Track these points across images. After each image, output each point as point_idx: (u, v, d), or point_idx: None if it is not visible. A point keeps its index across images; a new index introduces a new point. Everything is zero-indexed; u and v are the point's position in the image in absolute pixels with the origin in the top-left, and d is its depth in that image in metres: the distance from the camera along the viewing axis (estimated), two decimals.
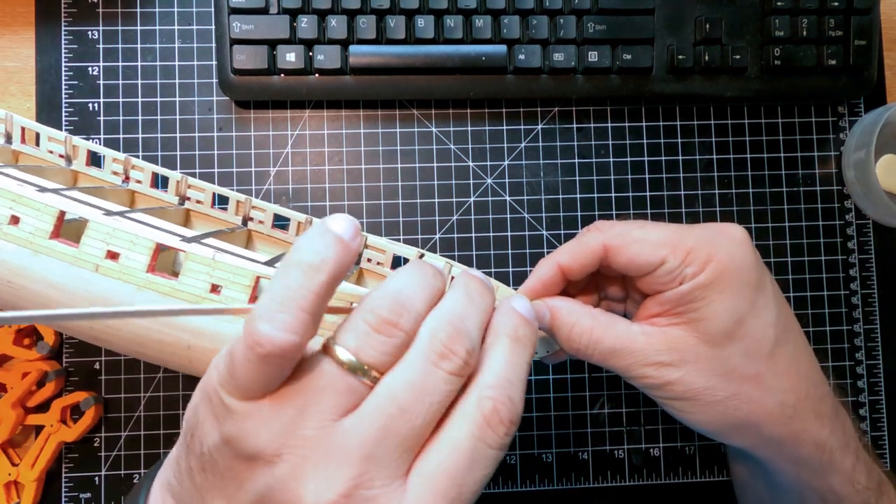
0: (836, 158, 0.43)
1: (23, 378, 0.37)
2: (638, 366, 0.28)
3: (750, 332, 0.27)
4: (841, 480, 0.29)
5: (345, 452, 0.18)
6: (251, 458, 0.18)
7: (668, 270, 0.27)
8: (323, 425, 0.18)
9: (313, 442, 0.18)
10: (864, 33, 0.40)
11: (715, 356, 0.27)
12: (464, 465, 0.19)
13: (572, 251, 0.29)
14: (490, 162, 0.42)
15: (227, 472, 0.19)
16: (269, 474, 0.18)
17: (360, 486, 0.18)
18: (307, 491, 0.18)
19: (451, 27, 0.38)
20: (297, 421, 0.18)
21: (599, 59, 0.39)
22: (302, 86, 0.39)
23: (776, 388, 0.28)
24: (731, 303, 0.27)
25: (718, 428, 0.29)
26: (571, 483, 0.41)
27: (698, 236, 0.28)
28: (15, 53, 0.40)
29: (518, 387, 0.21)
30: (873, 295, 0.43)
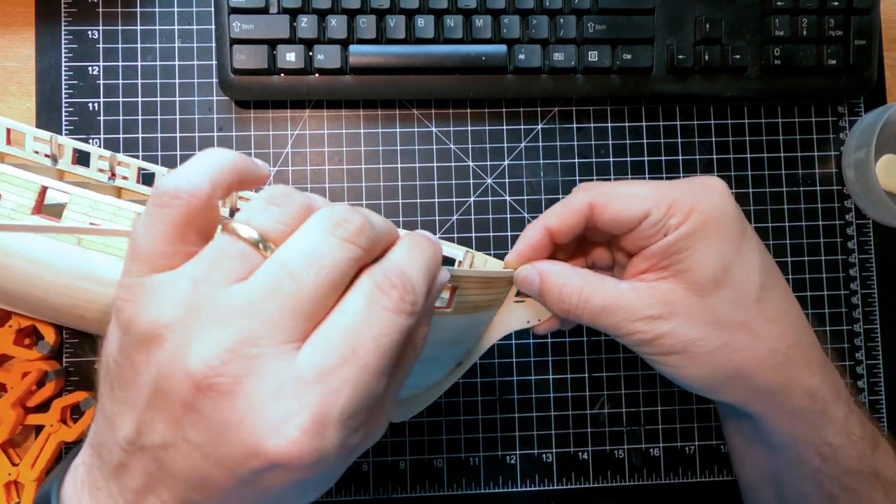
0: (836, 158, 0.43)
1: (23, 378, 0.37)
2: (628, 321, 0.28)
3: (736, 278, 0.28)
4: (835, 431, 0.29)
5: (231, 311, 0.18)
6: (146, 341, 0.18)
7: (652, 223, 0.28)
8: (213, 292, 0.18)
9: (202, 309, 0.18)
10: (864, 33, 0.40)
11: (704, 305, 0.28)
12: (358, 323, 0.18)
13: (559, 213, 0.30)
14: (490, 162, 0.42)
15: (128, 371, 0.19)
16: (160, 352, 0.18)
17: (245, 344, 0.17)
18: (193, 354, 0.17)
19: (451, 27, 0.38)
20: (190, 291, 0.18)
21: (599, 59, 0.39)
22: (302, 86, 0.39)
23: (765, 334, 0.28)
24: (715, 250, 0.27)
25: (711, 381, 0.29)
26: (571, 483, 0.41)
27: (680, 188, 0.28)
28: (15, 53, 0.40)
29: (414, 272, 0.20)
30: (873, 295, 0.43)
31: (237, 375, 0.17)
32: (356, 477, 0.40)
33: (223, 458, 0.18)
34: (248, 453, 0.17)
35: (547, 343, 0.41)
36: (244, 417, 0.17)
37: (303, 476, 0.18)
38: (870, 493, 0.30)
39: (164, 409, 0.18)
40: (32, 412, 0.38)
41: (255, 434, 0.17)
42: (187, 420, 0.18)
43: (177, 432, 0.18)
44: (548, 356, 0.41)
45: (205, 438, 0.18)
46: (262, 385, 0.17)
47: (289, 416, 0.17)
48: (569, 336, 0.41)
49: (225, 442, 0.17)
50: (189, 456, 0.18)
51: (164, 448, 0.18)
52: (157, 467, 0.18)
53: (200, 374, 0.17)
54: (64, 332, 0.39)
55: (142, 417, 0.18)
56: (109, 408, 0.19)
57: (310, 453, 0.17)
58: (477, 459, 0.40)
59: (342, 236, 0.19)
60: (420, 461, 0.40)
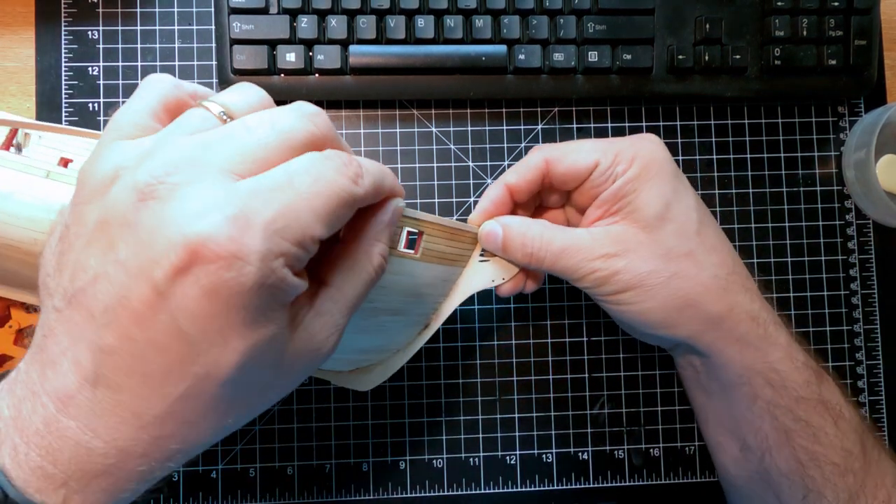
0: (836, 158, 0.43)
1: None
2: (587, 261, 0.31)
3: (677, 214, 0.31)
4: (780, 356, 0.32)
5: (182, 145, 0.19)
6: (101, 184, 0.19)
7: (601, 171, 0.31)
8: (171, 138, 0.20)
9: (157, 149, 0.19)
10: (864, 33, 0.40)
11: (653, 240, 0.31)
12: (298, 166, 0.20)
13: (518, 170, 0.33)
14: (490, 162, 0.42)
15: (74, 226, 0.20)
16: (112, 187, 0.19)
17: (190, 162, 0.19)
18: (140, 171, 0.19)
19: (451, 27, 0.38)
20: (150, 144, 0.20)
21: (599, 59, 0.39)
22: (302, 86, 0.39)
23: (707, 262, 0.31)
24: (657, 190, 0.31)
25: (666, 314, 0.31)
26: (571, 483, 0.41)
27: (622, 142, 0.32)
28: (15, 53, 0.40)
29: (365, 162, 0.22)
30: (873, 295, 0.43)
31: (176, 184, 0.18)
32: (356, 477, 0.40)
33: (145, 262, 0.18)
34: (169, 245, 0.17)
35: (547, 343, 0.41)
36: (174, 216, 0.18)
37: (217, 274, 0.17)
38: (822, 424, 0.32)
39: (102, 238, 0.19)
40: None
41: (179, 225, 0.18)
42: (123, 237, 0.18)
43: (108, 256, 0.18)
44: (548, 356, 0.41)
45: (132, 249, 0.18)
46: (196, 192, 0.18)
47: (215, 208, 0.18)
48: (569, 336, 0.41)
49: (151, 243, 0.18)
50: (112, 279, 0.18)
51: (93, 282, 0.19)
52: (81, 315, 0.19)
53: (143, 183, 0.18)
54: None
55: (78, 259, 0.19)
56: (53, 277, 0.20)
57: (227, 242, 0.17)
58: (477, 459, 0.40)
59: (304, 113, 0.21)
60: (420, 461, 0.40)
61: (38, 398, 0.19)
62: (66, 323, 0.19)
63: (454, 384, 0.41)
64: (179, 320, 0.18)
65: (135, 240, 0.18)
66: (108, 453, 0.19)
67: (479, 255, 0.34)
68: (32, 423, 0.19)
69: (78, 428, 0.19)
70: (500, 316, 0.41)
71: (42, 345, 0.20)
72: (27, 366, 0.20)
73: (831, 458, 0.31)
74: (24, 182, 0.30)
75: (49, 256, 0.21)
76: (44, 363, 0.19)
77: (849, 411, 0.32)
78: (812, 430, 0.32)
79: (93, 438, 0.19)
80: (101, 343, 0.19)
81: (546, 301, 0.41)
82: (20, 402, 0.19)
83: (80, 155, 0.32)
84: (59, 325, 0.19)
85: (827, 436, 0.31)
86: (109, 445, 0.19)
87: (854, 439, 0.32)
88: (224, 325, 0.18)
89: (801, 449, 0.32)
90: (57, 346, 0.19)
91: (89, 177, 0.20)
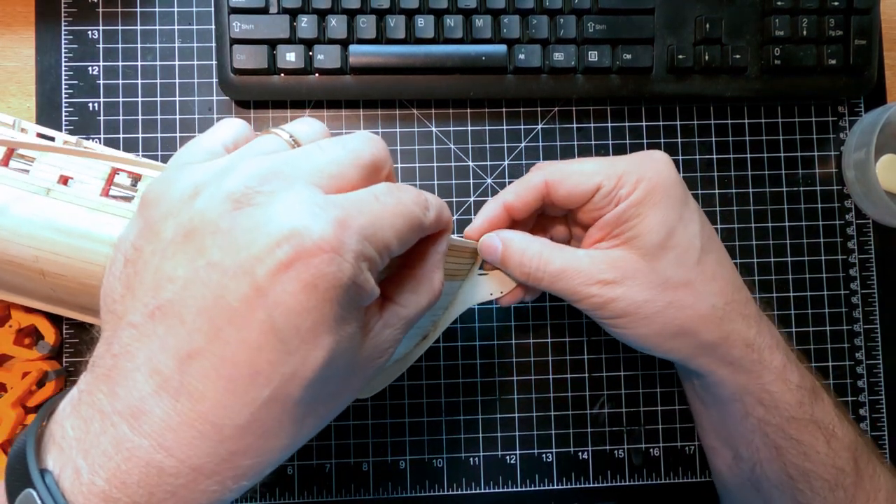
0: (836, 158, 0.43)
1: (23, 378, 0.37)
2: (584, 285, 0.30)
3: (680, 241, 0.31)
4: (772, 378, 0.32)
5: (266, 162, 0.20)
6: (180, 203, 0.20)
7: (604, 194, 0.30)
8: (248, 158, 0.21)
9: (237, 165, 0.20)
10: (864, 33, 0.40)
11: (652, 269, 0.30)
12: (380, 189, 0.22)
13: (517, 190, 0.32)
14: (490, 162, 0.42)
15: (150, 245, 0.20)
16: (195, 201, 0.20)
17: (278, 174, 0.20)
18: (231, 181, 0.20)
19: (451, 27, 0.38)
20: (226, 164, 0.21)
21: (599, 59, 0.39)
22: (302, 86, 0.39)
23: (706, 292, 0.31)
24: (661, 216, 0.30)
25: (660, 339, 0.31)
26: (571, 483, 0.41)
27: (627, 162, 0.31)
28: (15, 53, 0.40)
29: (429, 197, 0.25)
30: (873, 295, 0.43)
31: (272, 191, 0.19)
32: (356, 477, 0.40)
33: (245, 260, 0.18)
34: (272, 241, 0.18)
35: (547, 343, 0.41)
36: (276, 216, 0.19)
37: (319, 267, 0.18)
38: (812, 443, 0.31)
39: (190, 246, 0.19)
40: (32, 412, 0.38)
41: (283, 223, 0.18)
42: (216, 241, 0.19)
43: (198, 262, 0.19)
44: (548, 356, 0.41)
45: (228, 251, 0.18)
46: (293, 198, 0.19)
47: (315, 211, 0.19)
48: (569, 336, 0.41)
49: (250, 242, 0.18)
50: (205, 282, 0.18)
51: (182, 289, 0.19)
52: (166, 324, 0.19)
53: (239, 192, 0.19)
54: (64, 332, 0.39)
55: (160, 273, 0.19)
56: (121, 301, 0.20)
57: (331, 237, 0.18)
58: (477, 459, 0.40)
59: (368, 137, 0.23)
60: (420, 461, 0.40)
61: (108, 418, 0.18)
62: (146, 337, 0.19)
63: (454, 384, 0.41)
64: (275, 317, 0.18)
65: (231, 242, 0.18)
66: (180, 472, 0.18)
67: (478, 268, 0.33)
68: (100, 445, 0.18)
69: (150, 446, 0.18)
70: (500, 316, 0.41)
71: (113, 365, 0.19)
72: (91, 387, 0.19)
73: (821, 475, 0.31)
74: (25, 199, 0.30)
75: (113, 284, 0.21)
76: (114, 382, 0.19)
77: (843, 430, 0.32)
78: (803, 448, 0.32)
79: (165, 457, 0.18)
80: (189, 348, 0.18)
81: (546, 301, 0.41)
82: (86, 423, 0.19)
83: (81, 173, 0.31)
84: (136, 341, 0.19)
85: (818, 454, 0.32)
86: (182, 464, 0.18)
87: (846, 457, 0.32)
88: (317, 321, 0.19)
89: (791, 465, 0.32)
90: (131, 362, 0.19)
91: (164, 196, 0.20)
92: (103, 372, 0.19)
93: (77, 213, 0.30)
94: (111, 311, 0.20)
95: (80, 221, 0.30)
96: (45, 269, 0.31)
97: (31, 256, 0.30)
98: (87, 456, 0.18)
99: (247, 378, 0.19)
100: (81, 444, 0.18)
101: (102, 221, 0.30)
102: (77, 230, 0.30)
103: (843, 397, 0.42)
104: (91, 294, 0.32)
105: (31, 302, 0.35)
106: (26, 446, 0.19)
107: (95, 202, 0.30)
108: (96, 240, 0.30)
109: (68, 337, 0.39)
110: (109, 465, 0.18)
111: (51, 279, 0.31)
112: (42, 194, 0.30)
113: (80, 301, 0.33)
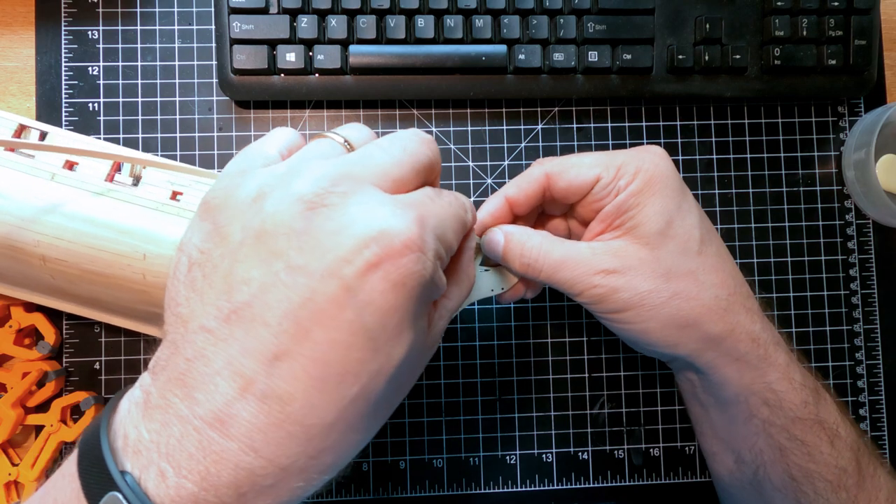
0: (836, 158, 0.43)
1: (23, 378, 0.37)
2: (586, 275, 0.30)
3: (679, 231, 0.31)
4: (777, 377, 0.31)
5: (330, 164, 0.21)
6: (246, 205, 0.20)
7: (603, 185, 0.31)
8: (309, 160, 0.22)
9: (302, 169, 0.21)
10: (864, 33, 0.40)
11: (654, 258, 0.30)
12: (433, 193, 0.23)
13: (518, 183, 0.32)
14: (490, 162, 0.42)
15: (219, 248, 0.20)
16: (264, 204, 0.20)
17: (347, 176, 0.20)
18: (301, 184, 0.20)
19: (451, 27, 0.38)
20: (287, 169, 0.21)
21: (599, 59, 0.39)
22: (302, 86, 0.39)
23: (708, 283, 0.31)
24: (661, 205, 0.30)
25: (666, 333, 0.31)
26: (571, 483, 0.41)
27: (625, 154, 0.32)
28: (15, 53, 0.40)
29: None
30: (873, 295, 0.43)
31: (345, 192, 0.20)
32: (356, 477, 0.40)
33: (332, 262, 0.19)
34: (360, 242, 0.19)
35: (547, 343, 0.41)
36: (356, 217, 0.19)
37: (407, 266, 0.19)
38: (817, 443, 0.31)
39: (263, 249, 0.19)
40: (32, 412, 0.38)
41: (368, 224, 0.19)
42: (292, 244, 0.19)
43: (276, 265, 0.19)
44: (548, 356, 0.41)
45: (312, 253, 0.19)
46: (368, 199, 0.20)
47: (396, 212, 0.20)
48: (569, 336, 0.41)
49: (336, 245, 0.19)
50: (288, 284, 0.19)
51: (260, 292, 0.19)
52: (245, 328, 0.19)
53: (311, 194, 0.20)
54: (64, 332, 0.39)
55: (234, 276, 0.19)
56: (187, 304, 0.20)
57: (416, 237, 0.19)
58: (477, 459, 0.40)
59: (423, 138, 0.24)
60: (420, 461, 0.40)
61: (188, 422, 0.18)
62: (223, 341, 0.19)
63: (454, 384, 0.41)
64: (365, 316, 0.19)
65: (312, 245, 0.19)
66: (269, 473, 0.19)
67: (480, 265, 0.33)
68: (184, 448, 0.18)
69: (238, 448, 0.18)
70: (500, 316, 0.41)
71: (187, 369, 0.19)
72: (163, 391, 0.19)
73: (825, 476, 0.31)
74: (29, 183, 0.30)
75: (177, 288, 0.21)
76: (190, 387, 0.19)
77: (845, 430, 0.32)
78: (807, 449, 0.31)
79: (255, 458, 0.18)
80: (276, 350, 0.18)
81: (546, 301, 0.41)
82: (164, 427, 0.19)
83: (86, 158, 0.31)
84: (211, 345, 0.19)
85: (822, 454, 0.31)
86: (271, 464, 0.19)
87: (849, 457, 0.32)
88: (402, 317, 0.20)
89: (794, 466, 0.32)
90: (208, 367, 0.19)
91: (229, 200, 0.21)
92: (175, 376, 0.19)
93: (81, 198, 0.30)
94: (176, 314, 0.20)
95: (83, 206, 0.30)
96: (45, 254, 0.30)
97: (32, 241, 0.30)
98: (171, 459, 0.18)
99: (336, 377, 0.19)
100: (161, 447, 0.18)
101: (107, 206, 0.30)
102: (80, 215, 0.30)
103: (843, 397, 0.42)
104: (91, 282, 0.32)
105: (28, 294, 0.35)
106: (102, 450, 0.19)
107: (100, 187, 0.30)
108: (100, 225, 0.30)
109: (68, 337, 0.39)
110: (197, 467, 0.18)
111: (51, 265, 0.31)
112: (47, 179, 0.30)
113: (80, 291, 0.33)
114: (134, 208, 0.31)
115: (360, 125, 0.25)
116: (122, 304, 0.33)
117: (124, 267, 0.30)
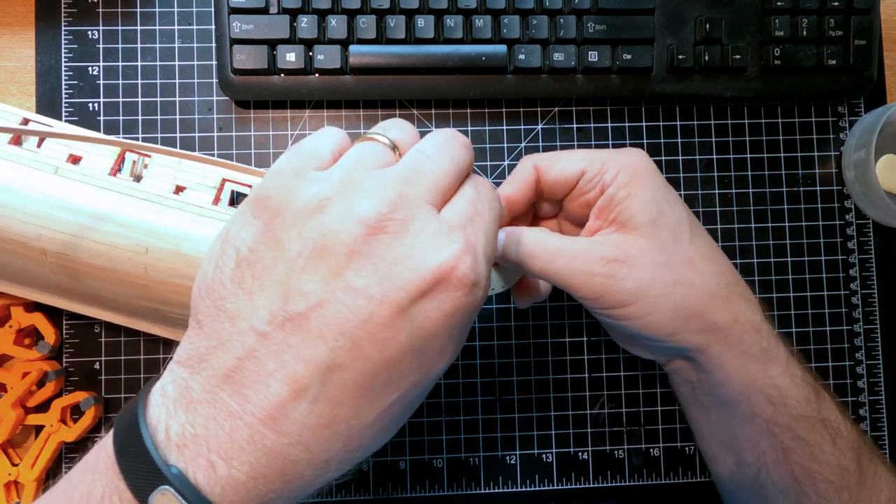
0: (836, 158, 0.43)
1: (23, 378, 0.37)
2: (586, 264, 0.30)
3: (671, 220, 0.31)
4: (780, 371, 0.31)
5: (386, 181, 0.21)
6: (304, 214, 0.21)
7: (588, 178, 0.32)
8: (366, 172, 0.22)
9: (360, 183, 0.22)
10: (864, 33, 0.40)
11: (651, 246, 0.30)
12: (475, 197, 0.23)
13: (512, 181, 0.33)
14: (490, 162, 0.42)
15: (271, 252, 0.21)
16: (323, 216, 0.21)
17: (404, 198, 0.21)
18: (363, 205, 0.21)
19: (451, 27, 0.38)
20: (343, 176, 0.22)
21: (599, 59, 0.39)
22: (302, 86, 0.39)
23: (707, 271, 0.31)
24: (650, 194, 0.31)
25: (674, 325, 0.30)
26: (571, 483, 0.41)
27: (608, 152, 0.33)
28: (15, 53, 0.40)
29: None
30: (873, 295, 0.43)
31: (404, 219, 0.21)
32: (356, 477, 0.40)
33: (391, 290, 0.20)
34: (417, 274, 0.20)
35: (547, 343, 0.41)
36: (415, 249, 0.20)
37: (460, 299, 0.21)
38: (819, 442, 0.31)
39: (322, 265, 0.20)
40: (32, 412, 0.38)
41: (426, 258, 0.20)
42: (352, 265, 0.20)
43: (335, 283, 0.20)
44: (548, 357, 0.41)
45: (372, 278, 0.20)
46: (424, 227, 0.21)
47: (449, 244, 0.21)
48: (569, 336, 0.41)
49: (396, 274, 0.20)
50: (346, 304, 0.20)
51: (317, 306, 0.20)
52: (300, 336, 0.20)
53: (373, 219, 0.20)
54: (64, 332, 0.39)
55: (291, 285, 0.20)
56: (233, 300, 0.21)
57: (470, 271, 0.21)
58: (477, 459, 0.40)
59: (464, 142, 0.24)
60: (420, 461, 0.40)
61: (239, 418, 0.20)
62: (276, 346, 0.20)
63: (454, 384, 0.41)
64: (415, 340, 0.21)
65: (372, 269, 0.20)
66: (312, 464, 0.20)
67: None
68: (234, 442, 0.19)
69: (289, 443, 0.20)
70: (500, 316, 0.41)
71: (237, 367, 0.20)
72: (209, 387, 0.20)
73: (827, 476, 0.31)
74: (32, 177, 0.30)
75: (222, 280, 0.21)
76: (240, 384, 0.20)
77: (846, 428, 0.32)
78: (810, 449, 0.31)
79: (303, 452, 0.20)
80: (331, 362, 0.20)
81: (546, 301, 0.41)
82: (210, 422, 0.20)
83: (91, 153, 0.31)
84: (262, 348, 0.20)
85: (824, 454, 0.31)
86: (316, 457, 0.20)
87: (851, 456, 0.32)
88: (449, 341, 0.22)
89: (797, 466, 0.32)
90: (259, 368, 0.20)
91: (287, 205, 0.21)
92: (223, 373, 0.20)
93: (85, 192, 0.30)
94: (219, 307, 0.21)
95: (87, 200, 0.30)
96: (47, 248, 0.30)
97: (34, 234, 0.30)
98: (221, 452, 0.19)
99: (381, 387, 0.21)
100: (210, 441, 0.19)
101: (110, 200, 0.30)
102: (83, 209, 0.30)
103: (843, 397, 0.42)
104: (92, 277, 0.32)
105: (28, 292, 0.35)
106: (146, 446, 0.19)
107: (104, 181, 0.30)
108: (104, 218, 0.30)
109: (68, 337, 0.39)
110: (248, 459, 0.20)
111: (52, 259, 0.31)
112: (50, 172, 0.30)
113: (80, 286, 0.33)
114: (137, 202, 0.31)
115: (403, 122, 0.25)
116: (122, 299, 0.33)
117: (126, 261, 0.30)
